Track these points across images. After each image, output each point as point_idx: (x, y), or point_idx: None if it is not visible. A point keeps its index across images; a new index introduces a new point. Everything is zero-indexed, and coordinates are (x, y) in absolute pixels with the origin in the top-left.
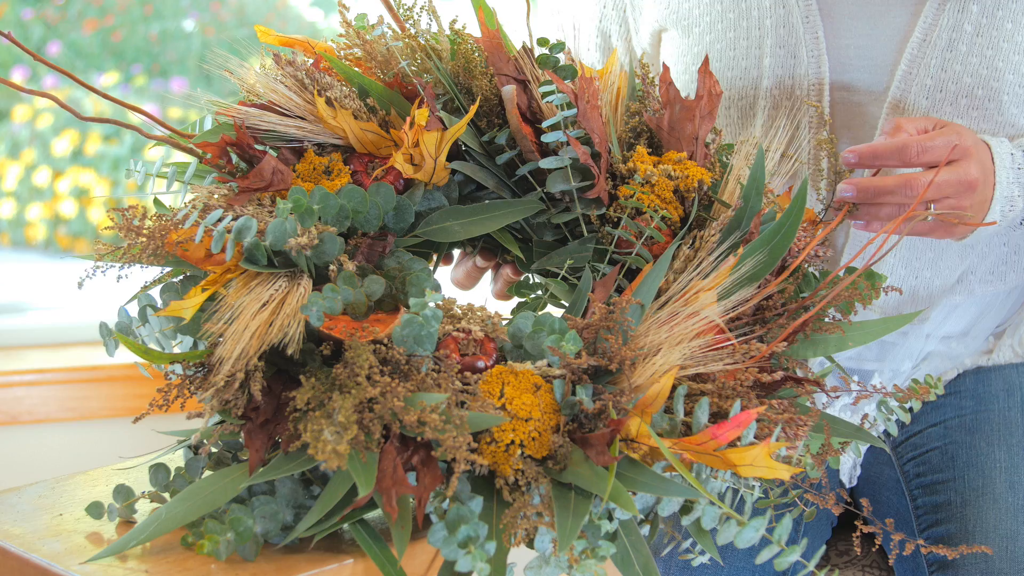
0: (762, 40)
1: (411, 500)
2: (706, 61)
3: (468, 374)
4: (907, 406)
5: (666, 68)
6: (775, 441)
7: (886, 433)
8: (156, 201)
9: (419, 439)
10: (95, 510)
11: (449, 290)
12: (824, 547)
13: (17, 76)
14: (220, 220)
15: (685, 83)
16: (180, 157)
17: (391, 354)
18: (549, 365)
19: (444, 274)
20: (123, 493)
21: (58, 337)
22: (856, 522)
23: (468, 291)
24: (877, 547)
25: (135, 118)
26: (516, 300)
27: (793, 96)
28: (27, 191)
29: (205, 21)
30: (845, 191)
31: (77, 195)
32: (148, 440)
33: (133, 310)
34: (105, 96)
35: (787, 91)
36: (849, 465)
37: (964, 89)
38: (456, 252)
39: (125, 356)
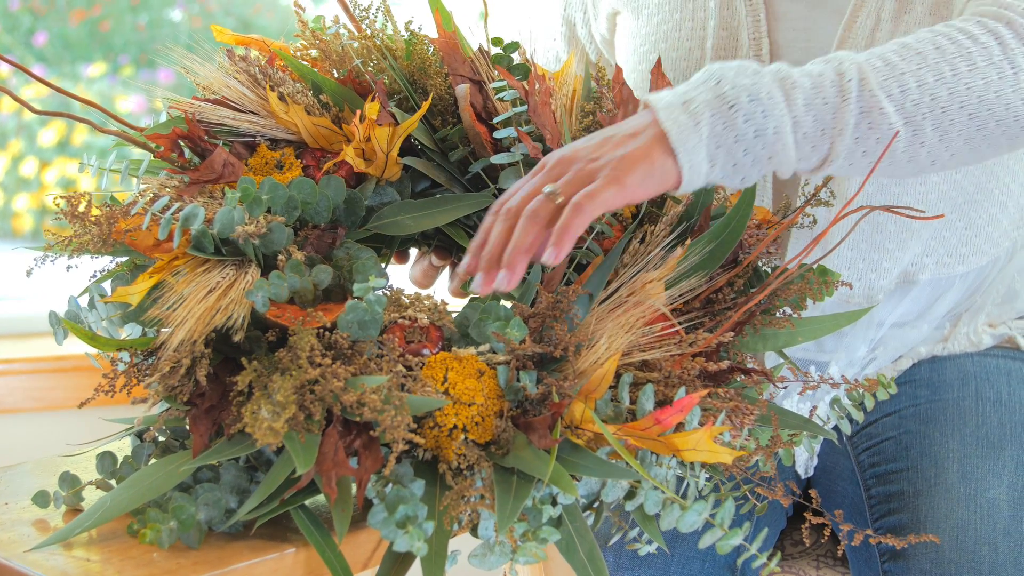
0: (706, 21)
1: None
2: (659, 63)
3: (411, 357)
4: (860, 403)
5: (619, 69)
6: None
7: (837, 429)
8: (112, 198)
9: (360, 420)
10: (41, 498)
11: (405, 286)
12: (766, 530)
13: (2, 68)
14: (167, 208)
15: (635, 63)
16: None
17: (335, 339)
18: (493, 351)
19: (402, 274)
20: (68, 481)
21: (24, 327)
22: (805, 513)
23: (427, 290)
24: (829, 537)
25: (87, 111)
26: (471, 297)
27: None
28: (14, 181)
29: (192, 11)
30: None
31: (64, 185)
32: (112, 429)
33: (84, 302)
34: (54, 87)
35: None
36: (804, 456)
37: None
38: (414, 251)
39: (89, 347)
